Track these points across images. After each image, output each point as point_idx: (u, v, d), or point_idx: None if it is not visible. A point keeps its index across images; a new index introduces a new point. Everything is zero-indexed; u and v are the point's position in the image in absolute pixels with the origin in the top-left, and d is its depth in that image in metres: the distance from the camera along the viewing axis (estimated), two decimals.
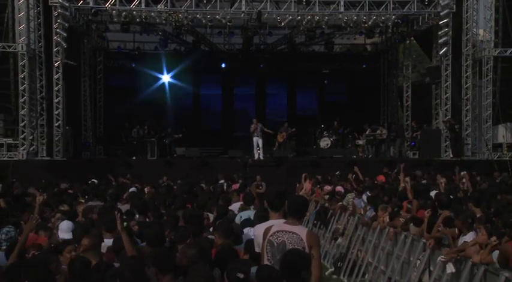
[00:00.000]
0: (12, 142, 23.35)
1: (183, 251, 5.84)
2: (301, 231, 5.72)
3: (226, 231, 6.79)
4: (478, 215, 8.85)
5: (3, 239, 7.30)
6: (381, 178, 17.40)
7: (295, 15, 23.87)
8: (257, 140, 24.25)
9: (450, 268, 8.02)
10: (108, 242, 6.90)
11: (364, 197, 13.04)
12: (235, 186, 15.56)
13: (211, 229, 7.89)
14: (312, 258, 5.31)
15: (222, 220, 7.78)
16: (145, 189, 15.01)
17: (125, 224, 7.75)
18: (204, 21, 24.20)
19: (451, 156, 23.82)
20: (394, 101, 30.81)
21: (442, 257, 8.12)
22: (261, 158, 24.11)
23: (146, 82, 29.94)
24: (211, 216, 9.09)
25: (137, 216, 9.21)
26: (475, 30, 24.86)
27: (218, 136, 29.94)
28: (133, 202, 10.60)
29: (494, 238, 7.01)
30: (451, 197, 10.69)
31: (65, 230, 7.52)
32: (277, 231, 5.72)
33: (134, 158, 25.02)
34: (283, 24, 24.66)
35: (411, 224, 9.71)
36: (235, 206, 10.29)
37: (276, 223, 5.90)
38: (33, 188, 12.11)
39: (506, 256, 6.80)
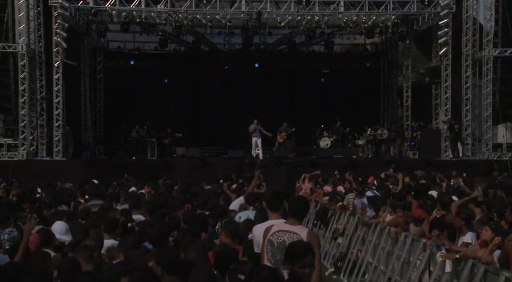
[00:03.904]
0: (12, 142, 23.35)
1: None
2: (302, 231, 5.71)
3: (233, 231, 6.76)
4: (478, 216, 8.86)
5: (6, 239, 7.24)
6: (371, 179, 17.36)
7: (295, 15, 23.87)
8: (256, 140, 24.30)
9: (449, 266, 8.06)
10: (106, 242, 6.85)
11: (365, 199, 13.01)
12: (233, 186, 15.49)
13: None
14: (313, 253, 5.26)
15: (229, 220, 7.73)
16: (144, 190, 14.87)
17: (129, 224, 7.74)
18: (204, 21, 24.21)
19: (451, 156, 23.82)
20: (394, 101, 30.80)
21: (442, 252, 8.14)
22: (261, 158, 24.12)
23: (146, 82, 29.91)
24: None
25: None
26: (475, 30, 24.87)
27: (218, 136, 29.89)
28: (132, 202, 10.54)
29: (498, 237, 7.02)
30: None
31: (58, 231, 7.34)
32: (278, 231, 5.70)
33: (134, 158, 25.03)
34: (283, 24, 24.66)
35: (411, 224, 9.71)
36: (235, 205, 10.25)
37: (276, 223, 5.88)
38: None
39: (508, 255, 6.79)
